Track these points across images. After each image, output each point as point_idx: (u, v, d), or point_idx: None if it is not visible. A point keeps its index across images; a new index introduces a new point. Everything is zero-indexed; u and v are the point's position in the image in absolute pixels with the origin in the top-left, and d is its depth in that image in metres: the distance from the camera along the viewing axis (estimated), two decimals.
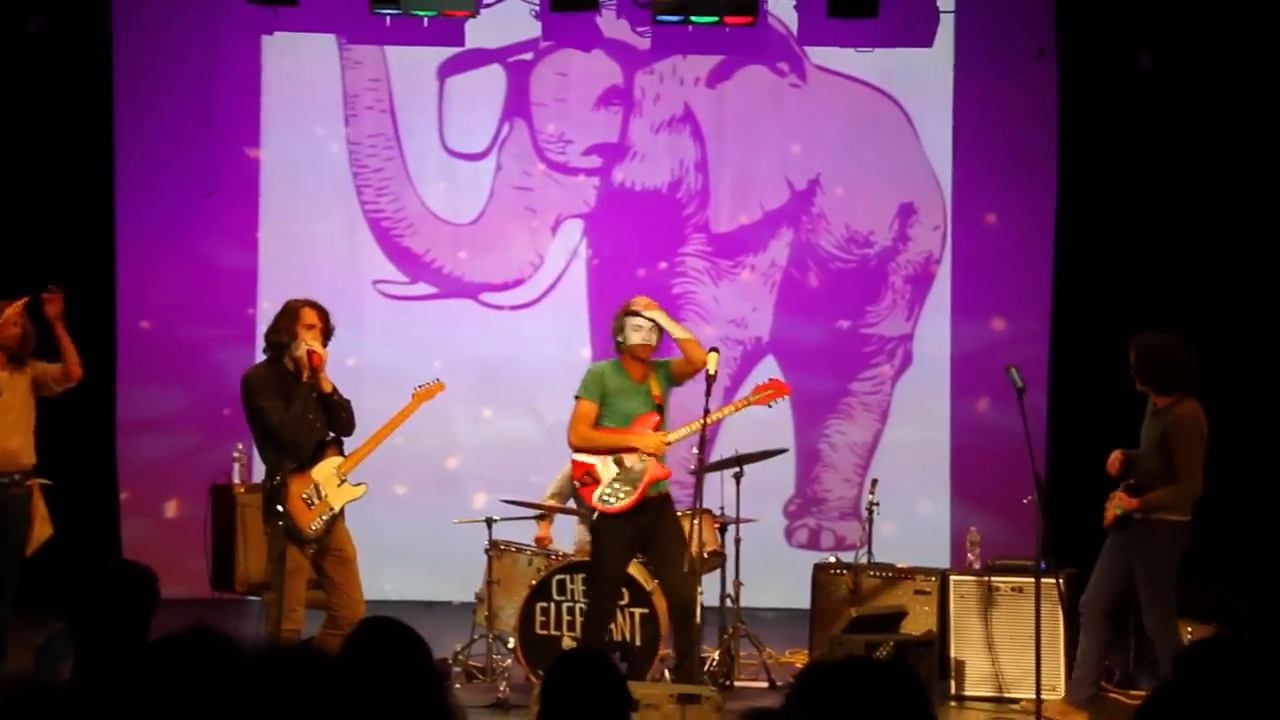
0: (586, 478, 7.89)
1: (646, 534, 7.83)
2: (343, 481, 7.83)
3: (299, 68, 11.51)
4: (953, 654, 8.46)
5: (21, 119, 10.88)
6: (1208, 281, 10.74)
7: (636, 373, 7.91)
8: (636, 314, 7.89)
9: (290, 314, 7.80)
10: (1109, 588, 7.78)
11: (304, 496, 7.72)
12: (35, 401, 8.17)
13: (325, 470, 7.80)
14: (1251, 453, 10.23)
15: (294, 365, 7.72)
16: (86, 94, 11.10)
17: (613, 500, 7.81)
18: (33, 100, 10.88)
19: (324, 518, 7.75)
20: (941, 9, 11.43)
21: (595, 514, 7.89)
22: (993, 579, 8.51)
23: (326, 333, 7.83)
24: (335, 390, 7.80)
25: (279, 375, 7.72)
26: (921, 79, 11.54)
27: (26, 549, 8.11)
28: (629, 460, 7.85)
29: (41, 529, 8.16)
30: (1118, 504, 7.66)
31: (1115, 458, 7.82)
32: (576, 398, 7.97)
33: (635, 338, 7.87)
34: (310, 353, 7.69)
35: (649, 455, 7.81)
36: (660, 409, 7.91)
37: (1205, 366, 7.86)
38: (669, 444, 7.91)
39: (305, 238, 11.47)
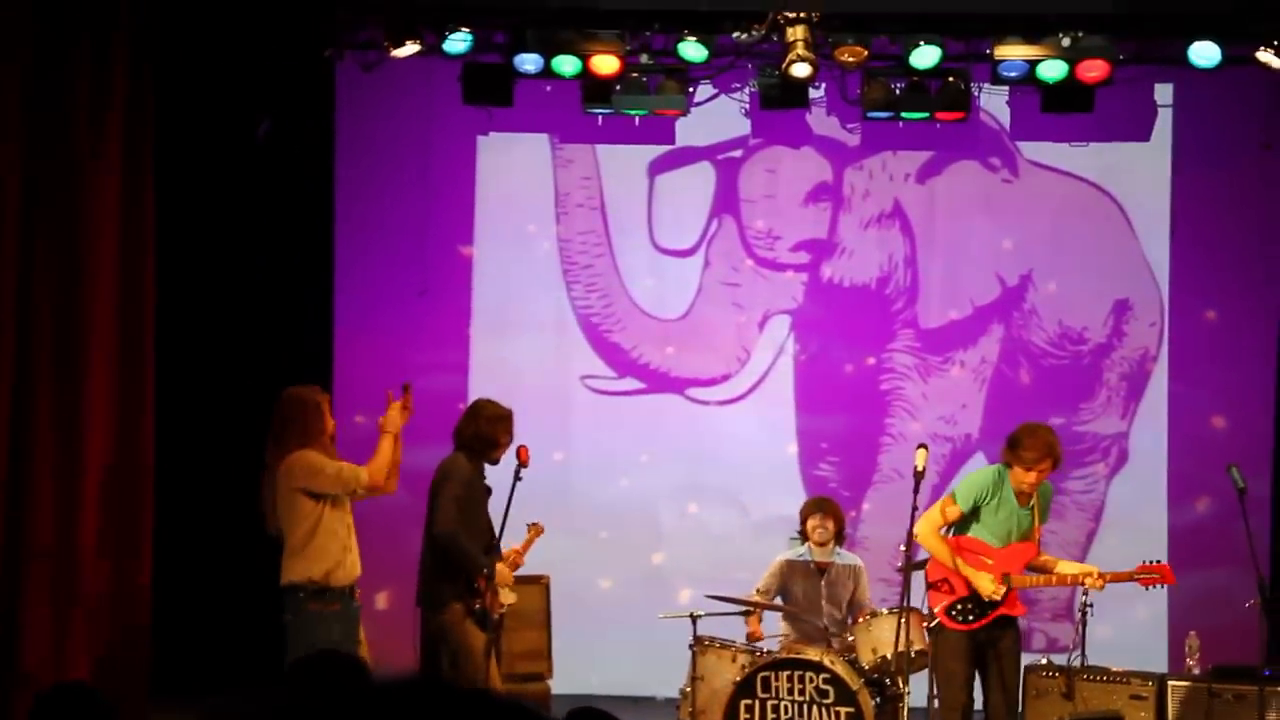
0: (942, 584, 7.82)
1: (984, 646, 7.73)
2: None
3: (512, 166, 11.71)
4: None
5: (247, 217, 11.22)
6: None
7: (1022, 495, 7.76)
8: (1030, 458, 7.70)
9: (508, 422, 8.01)
10: None
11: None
12: None
13: (500, 568, 8.05)
14: None
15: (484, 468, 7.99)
16: (309, 193, 11.40)
17: (958, 619, 7.77)
18: (258, 198, 11.22)
19: (503, 609, 8.01)
20: (1160, 103, 11.24)
21: (935, 620, 7.89)
22: (1214, 684, 8.22)
23: None
24: None
25: (477, 474, 7.97)
26: (1138, 173, 11.35)
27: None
28: (988, 590, 7.73)
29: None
30: None
31: None
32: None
33: (1027, 477, 7.70)
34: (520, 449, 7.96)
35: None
36: (1038, 541, 7.73)
37: None
38: (1009, 589, 7.74)
39: (515, 334, 11.62)
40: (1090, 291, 11.35)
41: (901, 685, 8.11)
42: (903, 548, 7.94)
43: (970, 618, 7.71)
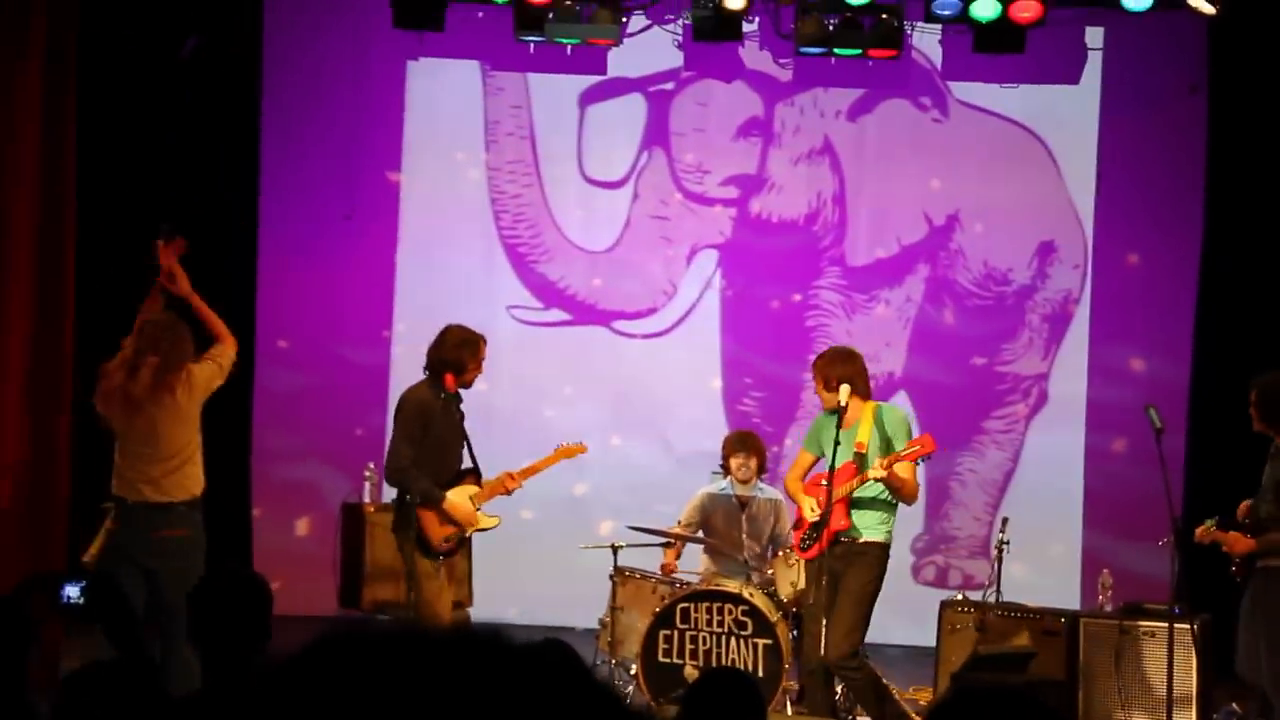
0: (800, 521, 7.98)
1: (836, 578, 7.76)
2: (477, 510, 8.00)
3: (442, 93, 11.62)
4: (1081, 698, 8.30)
5: (172, 135, 11.05)
6: None
7: (844, 419, 7.81)
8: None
9: (475, 346, 7.92)
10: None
11: (438, 515, 7.89)
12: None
13: (460, 495, 7.94)
14: None
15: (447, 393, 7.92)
16: (235, 113, 11.25)
17: (803, 546, 7.93)
18: (183, 116, 11.05)
19: (450, 538, 7.90)
20: (1090, 46, 11.27)
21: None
22: (1125, 622, 8.34)
23: None
24: None
25: (436, 399, 7.89)
26: (1066, 116, 11.40)
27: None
28: (807, 511, 7.87)
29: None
30: (1238, 547, 7.48)
31: (1243, 507, 7.66)
32: None
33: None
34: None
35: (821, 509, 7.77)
36: (862, 456, 7.76)
37: None
38: (823, 506, 7.76)
39: (442, 262, 11.57)
40: (1016, 233, 11.42)
41: None
42: (824, 483, 7.99)
43: (809, 545, 7.83)
